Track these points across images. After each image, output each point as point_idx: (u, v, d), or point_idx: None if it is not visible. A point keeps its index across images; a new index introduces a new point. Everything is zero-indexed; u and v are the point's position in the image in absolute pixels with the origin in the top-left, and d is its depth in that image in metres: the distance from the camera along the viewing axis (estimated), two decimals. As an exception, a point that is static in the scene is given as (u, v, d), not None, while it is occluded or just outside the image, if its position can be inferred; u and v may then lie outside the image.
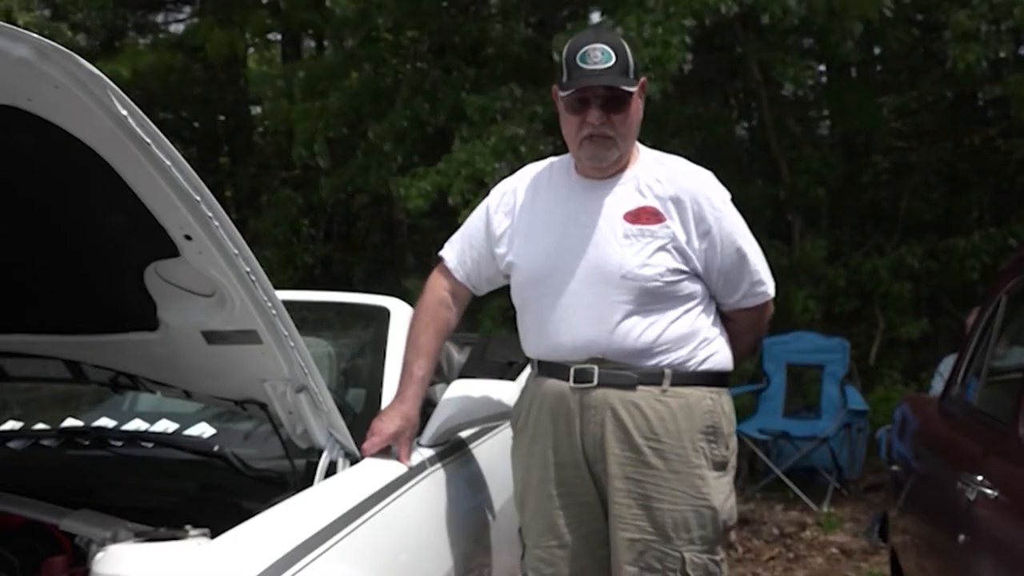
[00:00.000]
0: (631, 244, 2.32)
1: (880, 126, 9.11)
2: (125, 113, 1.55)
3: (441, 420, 2.57)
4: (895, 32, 7.63)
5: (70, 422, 2.90)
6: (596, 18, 6.20)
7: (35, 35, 1.45)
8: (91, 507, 2.11)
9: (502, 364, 3.17)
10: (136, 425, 2.85)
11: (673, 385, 2.31)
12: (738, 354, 2.48)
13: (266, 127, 11.56)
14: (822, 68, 8.95)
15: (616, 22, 6.19)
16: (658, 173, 2.39)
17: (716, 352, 2.40)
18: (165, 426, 2.79)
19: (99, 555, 1.64)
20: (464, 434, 2.75)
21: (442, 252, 2.59)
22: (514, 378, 2.91)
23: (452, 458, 2.63)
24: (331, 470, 2.21)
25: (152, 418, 2.88)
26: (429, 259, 4.99)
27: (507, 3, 7.88)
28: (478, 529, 2.69)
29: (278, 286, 2.00)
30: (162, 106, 11.10)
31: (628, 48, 2.34)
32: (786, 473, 6.20)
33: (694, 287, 2.37)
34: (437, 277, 2.59)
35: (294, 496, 2.01)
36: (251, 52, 12.60)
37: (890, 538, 3.63)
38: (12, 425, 2.86)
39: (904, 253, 7.94)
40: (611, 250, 2.33)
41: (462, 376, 2.96)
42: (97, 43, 10.31)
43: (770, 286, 2.48)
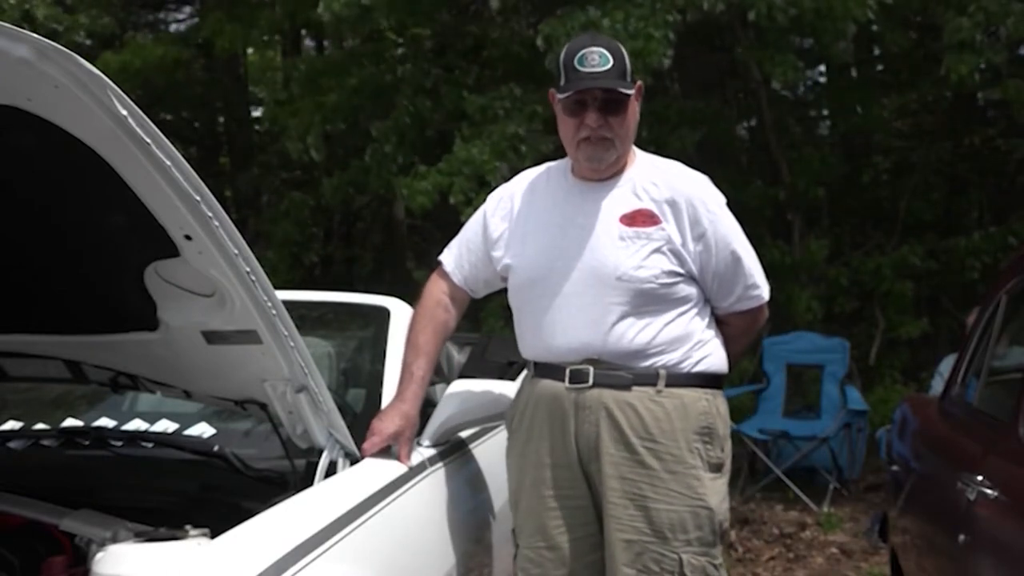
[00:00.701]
0: (627, 246, 2.33)
1: (880, 126, 9.12)
2: (125, 113, 1.55)
3: (441, 420, 2.57)
4: (893, 35, 7.64)
5: (70, 422, 2.90)
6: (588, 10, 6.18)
7: (35, 35, 1.45)
8: (91, 507, 2.11)
9: (502, 364, 3.16)
10: (136, 425, 2.85)
11: (668, 386, 2.31)
12: (732, 358, 2.48)
13: (262, 124, 11.55)
14: (822, 68, 8.96)
15: (604, 14, 6.19)
16: (654, 176, 2.40)
17: (710, 354, 2.40)
18: (165, 426, 2.79)
19: (99, 555, 1.64)
20: (464, 434, 2.76)
21: (440, 257, 2.61)
22: (514, 378, 2.90)
23: (452, 458, 2.63)
24: (331, 470, 2.21)
25: (152, 418, 2.88)
26: (429, 259, 4.99)
27: (507, 4, 7.86)
28: (478, 529, 2.69)
29: (286, 286, 2.00)
30: (162, 106, 11.11)
31: (625, 52, 2.35)
32: (786, 473, 6.19)
33: (689, 290, 2.37)
34: (435, 280, 2.60)
35: (294, 496, 2.01)
36: (251, 52, 12.59)
37: (890, 538, 3.63)
38: (12, 425, 2.86)
39: (906, 252, 7.95)
40: (607, 252, 2.33)
41: (462, 376, 2.95)
42: (107, 35, 10.27)
43: (764, 290, 2.48)
